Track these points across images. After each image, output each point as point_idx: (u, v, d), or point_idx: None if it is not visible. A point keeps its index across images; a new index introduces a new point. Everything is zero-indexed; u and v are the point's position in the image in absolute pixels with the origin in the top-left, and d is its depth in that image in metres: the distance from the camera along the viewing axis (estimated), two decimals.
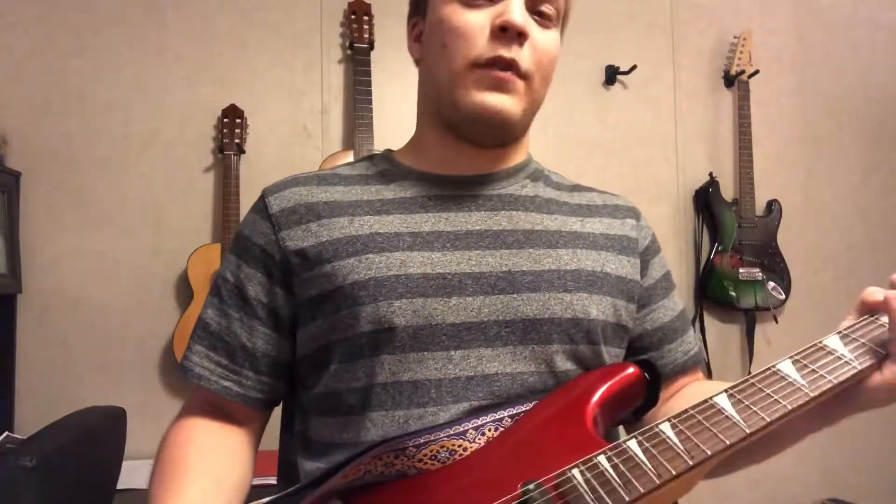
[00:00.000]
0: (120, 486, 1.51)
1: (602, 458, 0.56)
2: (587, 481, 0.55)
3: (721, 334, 2.36)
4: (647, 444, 0.56)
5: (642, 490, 0.53)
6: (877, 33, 2.60)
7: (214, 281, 0.77)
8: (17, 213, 1.91)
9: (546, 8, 0.73)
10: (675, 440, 0.56)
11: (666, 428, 0.57)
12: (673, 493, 0.57)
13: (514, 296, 0.69)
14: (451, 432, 0.63)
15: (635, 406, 0.69)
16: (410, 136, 0.86)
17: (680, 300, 0.87)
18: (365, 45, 2.06)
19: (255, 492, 0.69)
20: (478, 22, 0.70)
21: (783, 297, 2.32)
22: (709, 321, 2.34)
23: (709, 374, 2.31)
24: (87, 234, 1.98)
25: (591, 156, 2.32)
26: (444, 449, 0.63)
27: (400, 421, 0.66)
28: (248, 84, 2.09)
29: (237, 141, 1.99)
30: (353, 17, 2.08)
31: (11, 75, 1.97)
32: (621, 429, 0.80)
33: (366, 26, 2.07)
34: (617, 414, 0.67)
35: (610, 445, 0.57)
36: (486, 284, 0.69)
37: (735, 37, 2.40)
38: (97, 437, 1.40)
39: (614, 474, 0.55)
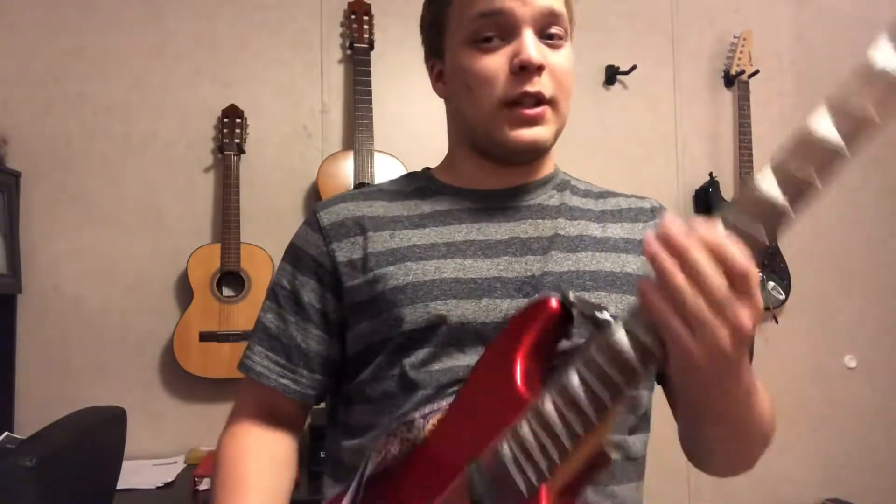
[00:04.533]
0: (120, 486, 1.51)
1: (524, 426, 0.56)
2: (514, 457, 0.56)
3: None
4: (559, 401, 0.55)
5: (555, 456, 0.54)
6: (877, 33, 2.59)
7: (271, 288, 0.84)
8: (17, 213, 1.91)
9: (555, 30, 0.78)
10: (581, 394, 0.53)
11: (574, 379, 0.54)
12: (598, 437, 0.55)
13: (537, 297, 0.71)
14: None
15: (561, 335, 0.67)
16: (410, 135, 0.87)
17: None
18: (365, 45, 2.06)
19: None
20: (497, 64, 0.75)
21: (783, 297, 2.32)
22: None
23: None
24: (87, 234, 1.98)
25: (591, 156, 2.32)
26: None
27: (425, 399, 0.71)
28: (248, 84, 2.09)
29: (237, 141, 1.99)
30: (353, 17, 2.08)
31: (11, 75, 1.97)
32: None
33: (366, 26, 2.07)
34: (549, 350, 0.66)
35: (530, 407, 0.57)
36: (513, 288, 0.74)
37: (735, 37, 2.40)
38: (97, 437, 1.40)
39: (533, 441, 0.55)
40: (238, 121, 2.00)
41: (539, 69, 0.74)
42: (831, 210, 2.49)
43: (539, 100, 0.75)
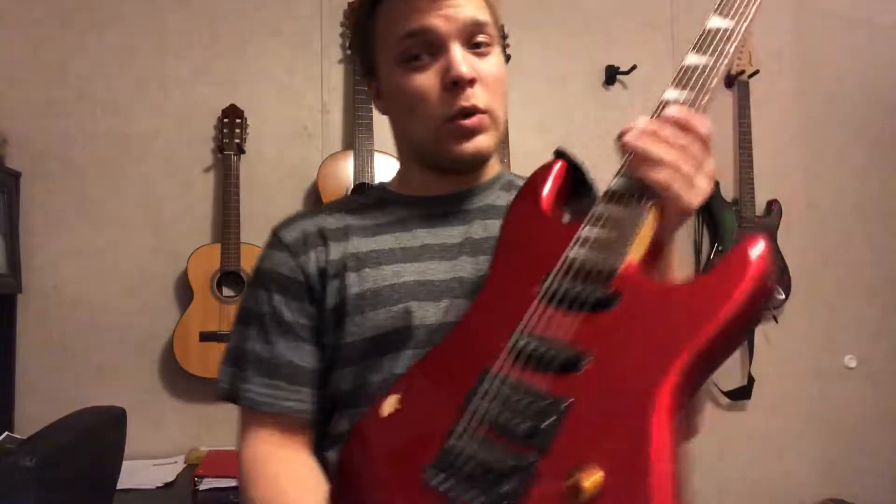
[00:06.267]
0: (120, 486, 1.51)
1: (586, 230, 0.65)
2: (588, 250, 0.64)
3: None
4: (610, 204, 0.65)
5: (630, 234, 0.62)
6: (877, 33, 2.60)
7: (245, 316, 0.83)
8: (17, 213, 1.91)
9: (481, 38, 0.78)
10: (621, 185, 0.66)
11: (613, 184, 0.67)
12: (655, 217, 0.65)
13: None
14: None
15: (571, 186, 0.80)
16: None
17: None
18: None
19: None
20: (430, 82, 0.77)
21: (783, 297, 2.32)
22: None
23: None
24: (87, 234, 1.98)
25: (591, 156, 2.30)
26: None
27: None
28: (248, 84, 2.09)
29: (237, 141, 1.99)
30: (353, 16, 2.08)
31: (11, 75, 1.97)
32: None
33: None
34: (564, 202, 0.78)
35: (584, 221, 0.66)
36: (469, 288, 0.78)
37: None
38: (97, 437, 1.40)
39: (604, 234, 0.64)
40: (238, 121, 2.00)
41: (471, 82, 0.76)
42: (832, 210, 2.49)
43: (475, 111, 0.77)
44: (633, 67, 2.31)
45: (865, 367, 2.45)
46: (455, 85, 0.76)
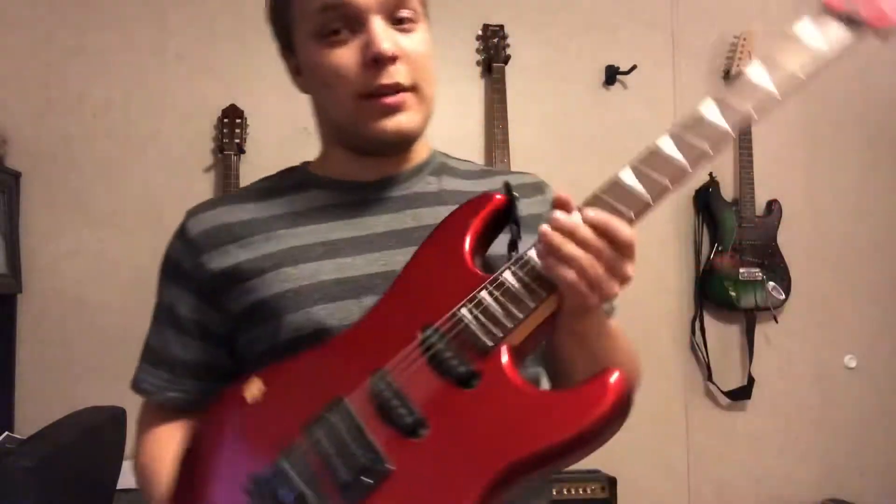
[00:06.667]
0: (120, 486, 1.51)
1: (484, 294, 0.64)
2: (475, 317, 0.63)
3: (721, 334, 2.36)
4: (519, 273, 0.64)
5: (521, 315, 0.62)
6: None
7: (155, 304, 0.85)
8: (17, 213, 1.91)
9: (404, 13, 0.74)
10: (537, 262, 0.63)
11: (531, 252, 0.64)
12: (550, 307, 0.64)
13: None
14: None
15: (501, 229, 0.75)
16: None
17: None
18: None
19: None
20: (349, 58, 0.73)
21: (783, 297, 2.32)
22: (709, 321, 2.34)
23: (709, 374, 2.32)
24: (87, 234, 1.98)
25: (591, 156, 2.32)
26: None
27: None
28: (248, 84, 2.09)
29: (237, 141, 1.99)
30: None
31: (11, 75, 1.97)
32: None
33: None
34: (490, 238, 0.73)
35: (489, 279, 0.65)
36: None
37: (735, 37, 2.39)
38: (97, 437, 1.40)
39: (496, 306, 0.63)
40: (238, 121, 2.00)
41: (393, 59, 0.72)
42: (832, 210, 2.49)
43: (399, 89, 0.73)
44: (633, 67, 2.31)
45: (865, 367, 2.45)
46: (376, 62, 0.71)
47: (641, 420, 2.48)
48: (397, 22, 0.74)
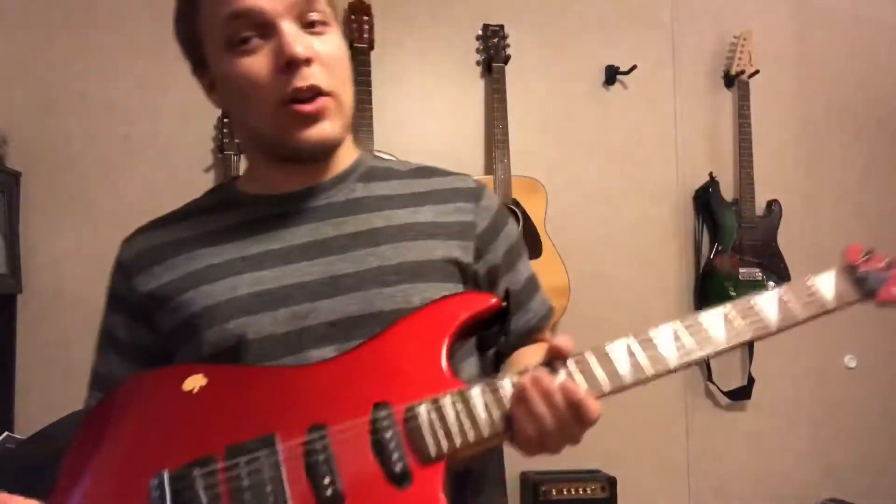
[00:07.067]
0: None
1: (447, 400, 0.65)
2: (430, 420, 0.64)
3: None
4: (487, 397, 0.65)
5: (472, 439, 0.63)
6: (877, 33, 2.59)
7: (99, 332, 0.85)
8: (17, 213, 1.91)
9: (315, 16, 0.74)
10: (507, 398, 0.65)
11: (506, 383, 0.66)
12: (499, 441, 0.66)
13: (339, 297, 0.74)
14: None
15: (487, 328, 0.75)
16: (410, 135, 0.87)
17: (527, 268, 0.89)
18: (365, 45, 2.06)
19: None
20: (262, 65, 0.72)
21: None
22: None
23: (709, 374, 2.32)
24: (87, 234, 1.98)
25: (591, 156, 2.32)
26: None
27: None
28: None
29: (237, 141, 1.99)
30: (352, 17, 2.08)
31: (11, 75, 1.97)
32: None
33: (366, 26, 2.07)
34: (471, 333, 0.74)
35: (457, 389, 0.66)
36: (311, 292, 0.74)
37: (735, 37, 2.39)
38: None
39: (454, 419, 0.64)
40: None
41: (307, 62, 0.71)
42: (832, 210, 2.49)
43: (316, 93, 0.72)
44: (633, 67, 2.31)
45: (865, 367, 2.45)
46: (289, 65, 0.70)
47: (641, 420, 2.49)
48: (308, 26, 0.73)
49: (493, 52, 2.19)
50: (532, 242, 2.10)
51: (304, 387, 0.67)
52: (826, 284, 0.77)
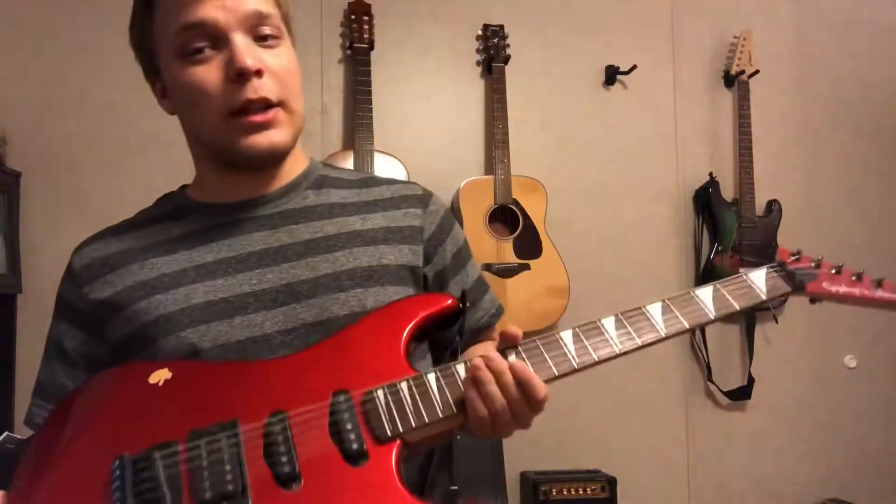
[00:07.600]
0: None
1: (404, 385, 0.68)
2: (387, 403, 0.66)
3: (721, 334, 2.36)
4: (441, 381, 0.68)
5: (426, 420, 0.66)
6: (877, 33, 2.59)
7: (46, 339, 0.85)
8: (17, 213, 1.91)
9: (267, 30, 0.76)
10: (460, 381, 0.69)
11: (460, 368, 0.69)
12: (453, 423, 0.69)
13: (294, 305, 0.75)
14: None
15: (442, 328, 0.78)
16: (410, 135, 0.87)
17: (475, 269, 0.92)
18: (365, 45, 2.06)
19: None
20: (213, 75, 0.73)
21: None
22: None
23: (709, 374, 2.32)
24: (87, 235, 1.97)
25: (591, 156, 2.32)
26: None
27: None
28: None
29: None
30: (352, 17, 2.08)
31: (11, 75, 1.97)
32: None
33: (366, 26, 2.07)
34: (427, 333, 0.77)
35: (414, 375, 0.69)
36: (267, 300, 0.75)
37: (735, 37, 2.40)
38: None
39: (409, 401, 0.67)
40: None
41: (258, 73, 0.73)
42: (831, 209, 2.49)
43: (267, 104, 0.74)
44: (633, 67, 2.31)
45: (865, 367, 2.45)
46: (239, 76, 0.72)
47: (641, 420, 2.49)
48: (261, 39, 0.76)
49: (493, 52, 2.19)
50: (532, 242, 2.10)
51: (266, 378, 0.69)
52: (759, 279, 0.83)
